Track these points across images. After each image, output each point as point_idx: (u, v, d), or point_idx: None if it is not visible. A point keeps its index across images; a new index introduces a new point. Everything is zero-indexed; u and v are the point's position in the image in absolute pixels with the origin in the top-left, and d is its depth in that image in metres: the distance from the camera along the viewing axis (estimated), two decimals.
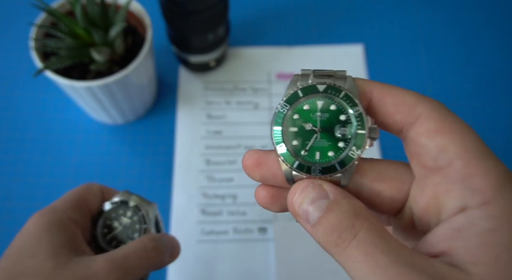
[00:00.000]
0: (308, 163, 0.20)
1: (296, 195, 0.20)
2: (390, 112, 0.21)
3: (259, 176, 0.22)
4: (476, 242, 0.18)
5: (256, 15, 0.63)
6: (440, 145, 0.19)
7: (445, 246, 0.18)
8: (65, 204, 0.32)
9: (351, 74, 0.23)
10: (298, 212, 0.20)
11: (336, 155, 0.20)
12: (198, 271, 0.47)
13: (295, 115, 0.21)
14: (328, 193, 0.20)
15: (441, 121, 0.20)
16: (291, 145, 0.21)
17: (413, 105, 0.20)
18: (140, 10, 0.48)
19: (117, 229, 0.34)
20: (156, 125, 0.55)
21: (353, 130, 0.20)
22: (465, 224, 0.18)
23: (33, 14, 0.48)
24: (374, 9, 0.63)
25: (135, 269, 0.29)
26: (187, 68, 0.58)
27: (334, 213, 0.19)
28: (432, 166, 0.20)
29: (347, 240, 0.18)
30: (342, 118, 0.21)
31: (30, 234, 0.29)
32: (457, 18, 0.63)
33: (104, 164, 0.52)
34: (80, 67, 0.47)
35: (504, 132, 0.55)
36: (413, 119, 0.20)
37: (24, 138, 0.54)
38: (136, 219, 0.35)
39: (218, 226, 0.50)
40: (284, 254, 0.47)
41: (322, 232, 0.19)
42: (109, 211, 0.35)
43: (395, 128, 0.21)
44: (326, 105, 0.21)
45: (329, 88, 0.21)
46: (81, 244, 0.31)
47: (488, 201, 0.18)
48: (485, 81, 0.58)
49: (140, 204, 0.35)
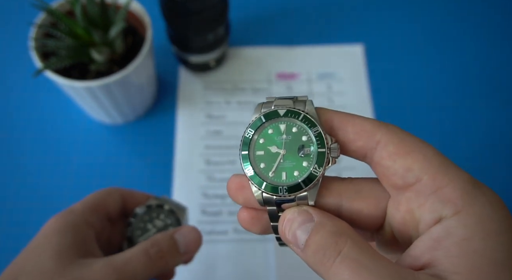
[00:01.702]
0: (276, 183, 0.22)
1: (284, 222, 0.21)
2: (351, 140, 0.22)
3: (242, 199, 0.23)
4: (455, 251, 0.18)
5: (256, 15, 0.63)
6: (405, 165, 0.20)
7: (427, 257, 0.19)
8: (83, 207, 0.33)
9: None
10: (288, 239, 0.21)
11: (301, 174, 0.22)
12: (198, 271, 0.47)
13: (261, 139, 0.22)
14: (313, 216, 0.21)
15: (401, 143, 0.21)
16: (259, 168, 0.22)
17: (372, 131, 0.21)
18: (140, 10, 0.48)
19: (150, 231, 0.36)
20: (156, 125, 0.55)
21: (315, 149, 0.22)
22: (443, 234, 0.19)
23: (33, 14, 0.48)
24: (374, 9, 0.63)
25: (135, 274, 0.30)
26: (187, 68, 0.58)
27: (319, 234, 0.20)
28: (401, 184, 0.21)
29: (332, 257, 0.19)
30: (304, 139, 0.22)
31: (43, 235, 0.30)
32: (457, 18, 0.63)
33: (104, 164, 0.52)
34: (80, 67, 0.47)
35: (504, 132, 0.55)
36: (374, 144, 0.21)
37: (24, 138, 0.54)
38: (170, 222, 0.37)
39: (218, 226, 0.50)
40: (284, 254, 0.47)
41: (310, 253, 0.20)
42: (142, 214, 0.37)
43: (359, 154, 0.22)
44: (288, 128, 0.22)
45: (289, 112, 0.22)
46: (92, 247, 0.31)
47: (460, 210, 0.19)
48: (485, 81, 0.58)
49: (175, 208, 0.37)
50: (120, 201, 0.36)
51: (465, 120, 0.56)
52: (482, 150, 0.54)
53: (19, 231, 0.48)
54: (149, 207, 0.37)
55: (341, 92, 0.57)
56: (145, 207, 0.37)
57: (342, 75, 0.58)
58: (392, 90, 0.57)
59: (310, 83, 0.58)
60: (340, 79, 0.58)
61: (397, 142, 0.21)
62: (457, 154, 0.52)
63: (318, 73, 0.59)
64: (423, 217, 0.20)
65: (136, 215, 0.36)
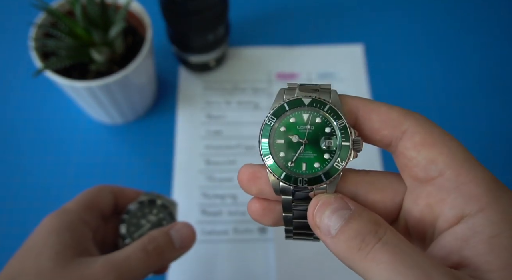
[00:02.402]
0: (295, 174, 0.21)
1: (317, 207, 0.20)
2: (377, 128, 0.21)
3: (255, 189, 0.22)
4: (485, 249, 0.18)
5: (256, 15, 0.63)
6: (429, 157, 0.20)
7: (456, 258, 0.19)
8: (78, 205, 0.33)
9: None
10: (319, 224, 0.20)
11: (322, 166, 0.21)
12: (198, 271, 0.47)
13: (282, 127, 0.22)
14: (349, 205, 0.20)
15: (427, 135, 0.20)
16: (278, 156, 0.21)
17: (398, 120, 0.21)
18: (140, 10, 0.48)
19: (145, 227, 0.36)
20: (156, 125, 0.55)
21: (338, 142, 0.21)
22: (469, 232, 0.19)
23: (33, 14, 0.48)
24: (374, 9, 0.63)
25: (134, 271, 0.30)
26: (187, 68, 0.58)
27: (357, 221, 0.19)
28: (423, 177, 0.20)
29: (371, 243, 0.18)
30: (327, 131, 0.21)
31: (39, 235, 0.30)
32: (457, 18, 0.63)
33: (104, 164, 0.52)
34: (80, 67, 0.47)
35: (505, 131, 0.55)
36: (400, 134, 0.21)
37: (24, 138, 0.54)
38: (163, 216, 0.37)
39: (218, 226, 0.50)
40: (284, 254, 0.47)
41: (344, 239, 0.19)
42: (135, 210, 0.37)
43: (383, 143, 0.22)
44: (311, 118, 0.22)
45: (314, 102, 0.22)
46: (89, 246, 0.31)
47: (484, 207, 0.19)
48: (485, 81, 0.58)
49: (167, 202, 0.38)
50: (112, 198, 0.36)
51: (465, 120, 0.56)
52: (482, 150, 0.54)
53: (19, 231, 0.48)
54: (142, 203, 0.37)
55: (341, 92, 0.57)
56: (138, 203, 0.37)
57: (342, 75, 0.58)
58: (392, 90, 0.57)
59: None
60: (340, 79, 0.58)
61: (424, 133, 0.20)
62: None
63: (318, 73, 0.59)
64: (444, 213, 0.20)
65: (129, 211, 0.37)
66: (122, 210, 0.37)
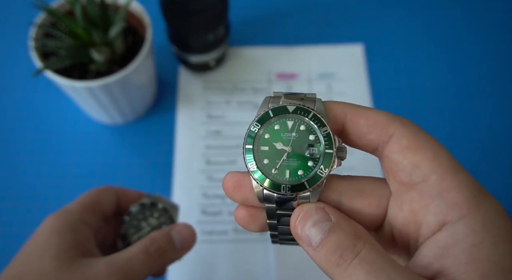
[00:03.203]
0: (279, 181, 0.21)
1: (298, 218, 0.20)
2: (364, 133, 0.21)
3: (240, 198, 0.22)
4: (465, 258, 0.18)
5: (256, 15, 0.63)
6: (414, 161, 0.20)
7: (437, 266, 0.19)
8: (80, 206, 0.33)
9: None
10: (300, 235, 0.20)
11: (305, 173, 0.21)
12: (198, 271, 0.47)
13: (266, 134, 0.22)
14: (331, 216, 0.20)
15: (413, 139, 0.20)
16: (262, 163, 0.22)
17: (386, 124, 0.21)
18: (140, 10, 0.48)
19: (144, 229, 0.36)
20: (156, 125, 0.55)
21: (322, 150, 0.21)
22: (450, 240, 0.19)
23: (33, 14, 0.48)
24: (374, 9, 0.63)
25: (137, 272, 0.30)
26: (187, 68, 0.58)
27: (336, 235, 0.19)
28: (407, 181, 0.20)
29: (349, 259, 0.18)
30: (311, 138, 0.21)
31: (41, 235, 0.30)
32: (457, 17, 0.63)
33: (104, 164, 0.52)
34: (80, 67, 0.47)
35: (505, 131, 0.55)
36: (387, 138, 0.21)
37: (24, 138, 0.54)
38: (163, 221, 0.37)
39: (218, 226, 0.50)
40: (284, 254, 0.47)
41: (324, 253, 0.19)
42: (137, 212, 0.37)
43: (370, 147, 0.22)
44: (296, 125, 0.22)
45: (298, 109, 0.22)
46: (91, 246, 0.31)
47: (466, 214, 0.19)
48: (486, 81, 0.58)
49: (168, 206, 0.37)
50: (115, 199, 0.36)
51: (465, 120, 0.56)
52: (483, 150, 0.54)
53: (19, 231, 0.48)
54: (143, 206, 0.37)
55: (341, 92, 0.57)
56: (139, 206, 0.37)
57: (342, 75, 0.58)
58: (392, 90, 0.57)
59: (310, 83, 0.58)
60: (340, 79, 0.58)
61: (410, 137, 0.20)
62: (457, 154, 0.51)
63: (318, 73, 0.59)
64: (427, 219, 0.20)
65: (130, 213, 0.37)
66: (124, 211, 0.37)
